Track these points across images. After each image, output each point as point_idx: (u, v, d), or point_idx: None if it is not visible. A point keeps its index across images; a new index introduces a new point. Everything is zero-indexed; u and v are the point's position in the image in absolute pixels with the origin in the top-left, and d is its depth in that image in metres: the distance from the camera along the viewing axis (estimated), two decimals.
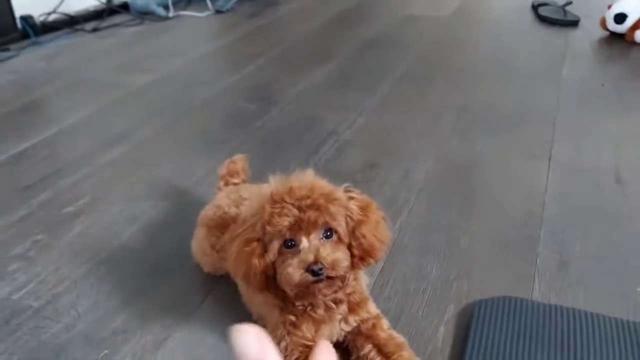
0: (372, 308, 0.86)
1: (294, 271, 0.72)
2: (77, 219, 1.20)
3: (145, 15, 2.72)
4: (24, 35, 2.29)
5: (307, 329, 0.80)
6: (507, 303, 0.95)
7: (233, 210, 0.95)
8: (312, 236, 0.74)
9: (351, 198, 0.78)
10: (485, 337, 0.89)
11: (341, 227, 0.75)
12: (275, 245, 0.74)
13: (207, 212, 1.00)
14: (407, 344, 0.83)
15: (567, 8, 2.59)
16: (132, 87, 1.88)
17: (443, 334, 0.91)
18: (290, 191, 0.74)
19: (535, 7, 2.71)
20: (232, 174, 1.09)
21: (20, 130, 1.59)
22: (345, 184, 0.81)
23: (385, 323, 0.86)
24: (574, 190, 1.28)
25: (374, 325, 0.85)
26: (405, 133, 1.56)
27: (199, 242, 1.00)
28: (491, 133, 1.55)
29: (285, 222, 0.73)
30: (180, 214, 1.21)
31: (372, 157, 1.43)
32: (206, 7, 2.86)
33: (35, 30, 2.35)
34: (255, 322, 0.90)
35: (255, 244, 0.76)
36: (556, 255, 1.08)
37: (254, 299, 0.88)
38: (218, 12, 2.82)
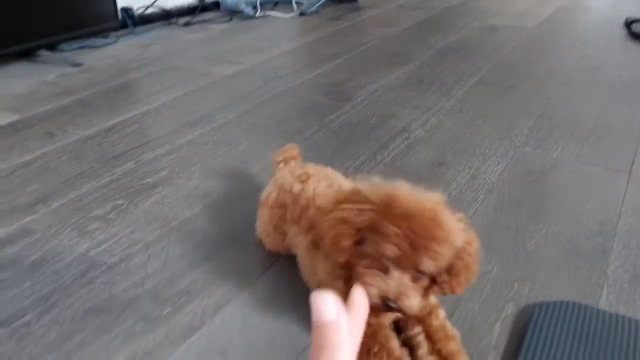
0: (431, 297, 0.86)
1: (370, 293, 0.71)
2: (155, 189, 1.28)
3: (234, 13, 2.84)
4: (123, 25, 2.47)
5: None
6: (571, 308, 0.92)
7: (297, 188, 0.95)
8: (405, 272, 0.71)
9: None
10: (543, 339, 0.86)
11: (437, 269, 0.72)
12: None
13: (271, 193, 1.01)
14: (459, 338, 0.82)
15: None
16: (216, 76, 1.98)
17: (499, 331, 0.89)
18: (412, 219, 0.69)
19: (628, 24, 2.58)
20: (290, 158, 1.10)
21: (112, 107, 1.71)
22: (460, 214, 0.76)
23: (441, 313, 0.85)
24: None
25: (429, 312, 0.84)
26: (478, 136, 1.53)
27: (263, 224, 1.03)
28: (570, 142, 1.49)
29: (389, 251, 0.69)
30: (251, 193, 1.25)
31: (441, 156, 1.42)
32: (292, 9, 2.95)
33: (133, 21, 2.52)
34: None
35: (352, 230, 0.73)
36: (629, 267, 1.02)
37: (318, 267, 0.86)
38: (302, 14, 2.90)
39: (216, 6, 2.91)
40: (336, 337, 0.31)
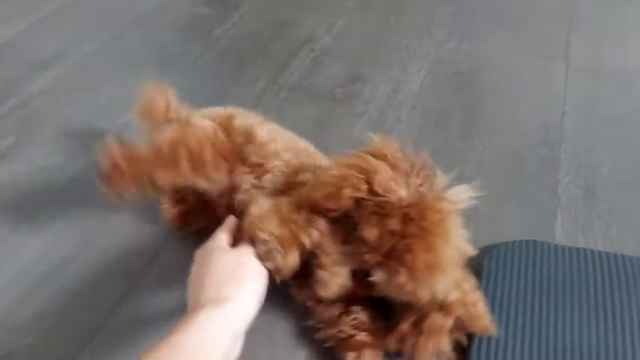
0: None
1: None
2: None
3: None
4: None
5: None
6: (524, 247, 0.78)
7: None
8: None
9: None
10: (500, 284, 0.72)
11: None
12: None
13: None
14: None
15: None
16: None
17: None
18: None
19: None
20: (166, 109, 0.86)
21: None
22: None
23: None
24: (597, 97, 1.08)
25: None
26: (393, 36, 1.31)
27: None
28: (497, 30, 1.31)
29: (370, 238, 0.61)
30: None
31: (355, 69, 1.19)
32: None
33: None
34: None
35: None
36: (581, 181, 0.89)
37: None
38: None
39: None
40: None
